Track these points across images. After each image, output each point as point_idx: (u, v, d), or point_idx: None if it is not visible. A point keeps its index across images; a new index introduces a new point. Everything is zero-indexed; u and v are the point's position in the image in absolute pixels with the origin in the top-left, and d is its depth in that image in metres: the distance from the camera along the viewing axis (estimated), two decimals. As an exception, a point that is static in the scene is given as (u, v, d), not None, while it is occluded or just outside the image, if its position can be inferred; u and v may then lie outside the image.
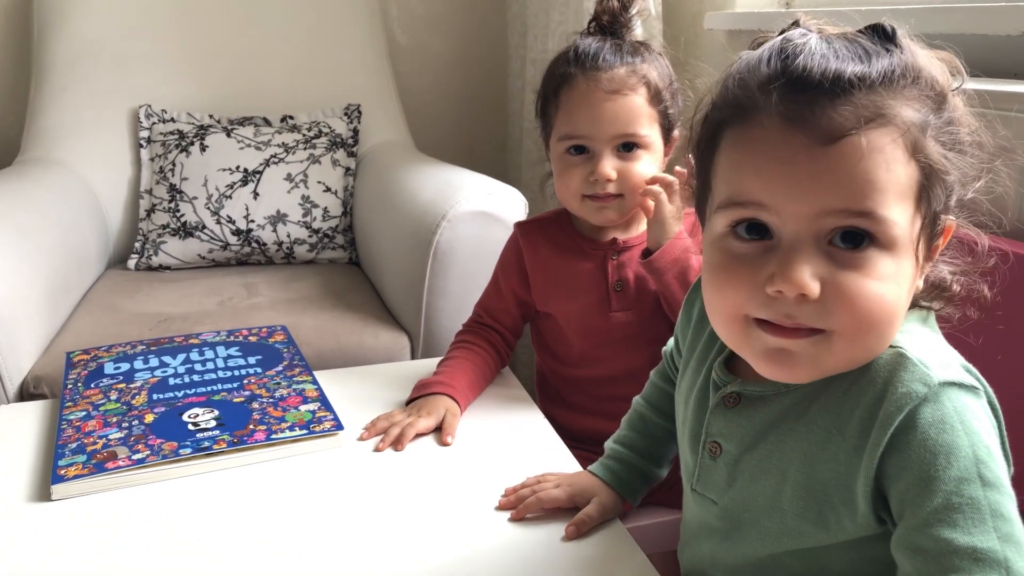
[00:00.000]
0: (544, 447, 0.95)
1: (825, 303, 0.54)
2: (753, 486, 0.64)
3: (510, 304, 1.13)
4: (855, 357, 0.57)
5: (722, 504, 0.66)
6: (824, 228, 0.54)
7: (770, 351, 0.57)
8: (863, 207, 0.53)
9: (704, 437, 0.67)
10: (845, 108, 0.53)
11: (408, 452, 0.93)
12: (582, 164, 1.02)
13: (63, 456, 0.87)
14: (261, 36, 2.00)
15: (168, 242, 1.76)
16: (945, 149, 0.56)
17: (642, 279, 1.06)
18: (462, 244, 1.39)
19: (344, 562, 0.74)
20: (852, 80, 0.53)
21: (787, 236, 0.55)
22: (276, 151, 1.81)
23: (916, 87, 0.55)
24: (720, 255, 0.59)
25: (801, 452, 0.60)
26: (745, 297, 0.56)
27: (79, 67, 1.88)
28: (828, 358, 0.56)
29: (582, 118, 1.00)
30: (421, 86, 2.29)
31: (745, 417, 0.64)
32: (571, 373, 1.12)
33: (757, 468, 0.63)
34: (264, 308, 1.53)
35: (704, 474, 0.68)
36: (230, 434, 0.92)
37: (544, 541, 0.77)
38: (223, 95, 1.94)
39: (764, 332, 0.57)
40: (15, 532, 0.78)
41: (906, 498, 0.55)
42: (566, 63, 1.02)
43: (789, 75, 0.54)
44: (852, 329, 0.55)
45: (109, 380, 1.05)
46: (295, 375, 1.06)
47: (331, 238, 1.81)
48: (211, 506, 0.83)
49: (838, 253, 0.54)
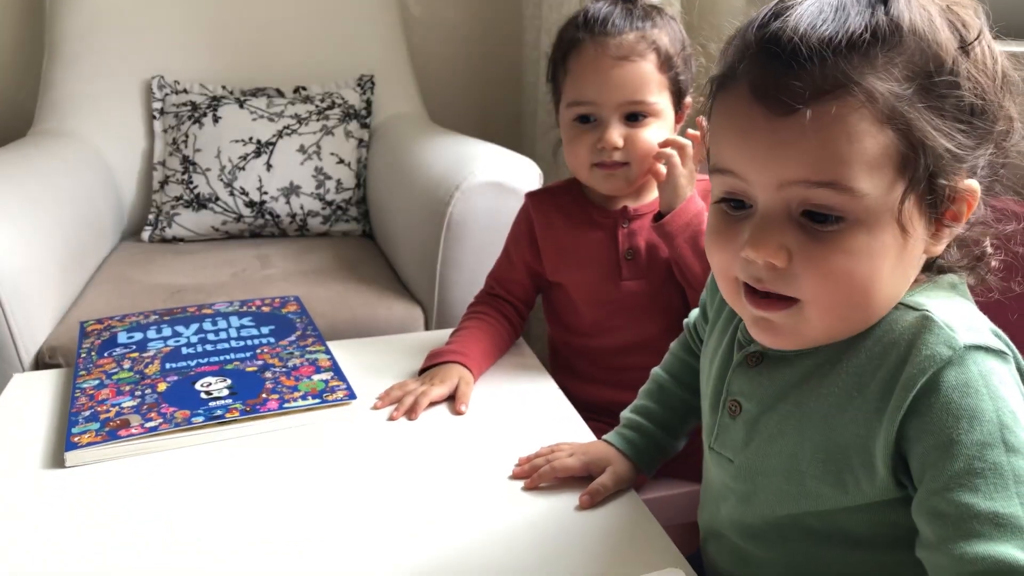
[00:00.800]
0: (558, 417, 0.95)
1: (793, 273, 0.55)
2: (770, 446, 0.63)
3: (522, 275, 1.13)
4: (834, 327, 0.58)
5: (738, 463, 0.66)
6: (792, 199, 0.55)
7: (755, 319, 0.59)
8: (824, 178, 0.53)
9: (725, 396, 0.67)
10: (806, 77, 0.52)
11: (421, 421, 0.92)
12: (590, 132, 1.01)
13: (77, 424, 0.87)
14: (274, 7, 1.98)
15: (181, 214, 1.76)
16: (936, 115, 0.53)
17: (653, 247, 1.05)
18: (476, 215, 1.38)
19: (357, 529, 0.74)
20: (818, 45, 0.52)
21: (759, 205, 0.56)
22: (289, 122, 1.80)
23: (898, 51, 0.53)
24: (714, 217, 0.61)
25: (821, 414, 0.60)
26: (730, 260, 0.59)
27: (92, 38, 1.87)
28: (806, 328, 0.57)
29: (589, 84, 0.99)
30: (435, 57, 2.27)
31: (766, 377, 0.64)
32: (583, 343, 1.12)
33: (776, 428, 0.63)
34: (277, 280, 1.53)
35: (722, 432, 0.68)
36: (243, 403, 0.91)
37: (558, 510, 0.77)
38: (236, 66, 1.93)
39: (747, 302, 0.59)
40: (30, 498, 0.79)
41: (927, 461, 0.54)
42: (575, 28, 1.01)
43: (761, 42, 0.54)
44: (823, 299, 0.56)
45: (122, 349, 1.04)
46: (308, 345, 1.06)
47: (344, 210, 1.80)
48: (223, 474, 0.82)
49: (809, 226, 0.55)
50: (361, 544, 0.72)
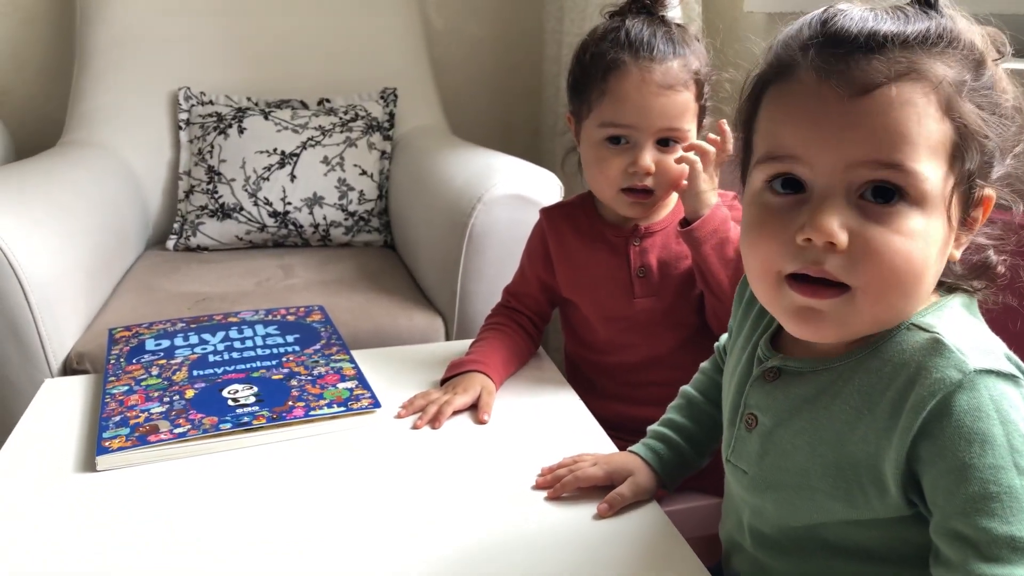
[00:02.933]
0: (579, 428, 0.95)
1: (853, 254, 0.55)
2: (784, 460, 0.64)
3: (536, 290, 1.14)
4: (880, 317, 0.59)
5: (752, 475, 0.67)
6: (855, 181, 0.56)
7: (799, 309, 0.59)
8: (892, 158, 0.54)
9: (743, 409, 0.69)
10: (877, 61, 0.54)
11: (444, 430, 0.93)
12: (621, 155, 1.00)
13: (107, 429, 0.89)
14: (299, 20, 2.01)
15: (206, 223, 1.78)
16: (982, 111, 0.56)
17: (665, 264, 1.05)
18: (497, 227, 1.40)
19: (381, 537, 0.75)
20: (887, 36, 0.55)
21: (819, 188, 0.57)
22: (313, 134, 1.82)
23: (953, 48, 0.56)
24: (756, 210, 0.61)
25: (833, 430, 0.61)
26: (777, 251, 0.58)
27: (120, 51, 1.90)
28: (854, 317, 0.57)
29: (631, 109, 0.98)
30: (457, 70, 2.29)
31: (782, 391, 0.65)
32: (598, 359, 1.12)
33: (789, 443, 0.64)
34: (300, 289, 1.54)
35: (739, 445, 0.69)
36: (269, 410, 0.93)
37: (579, 520, 0.78)
38: (261, 78, 1.96)
39: (793, 291, 0.58)
40: (63, 501, 0.80)
41: (940, 485, 0.55)
42: (617, 47, 0.99)
43: (827, 34, 0.57)
44: (877, 284, 0.56)
45: (150, 356, 1.06)
46: (333, 354, 1.07)
47: (367, 221, 1.82)
48: (250, 479, 0.84)
49: (868, 207, 0.56)
50: (385, 551, 0.73)
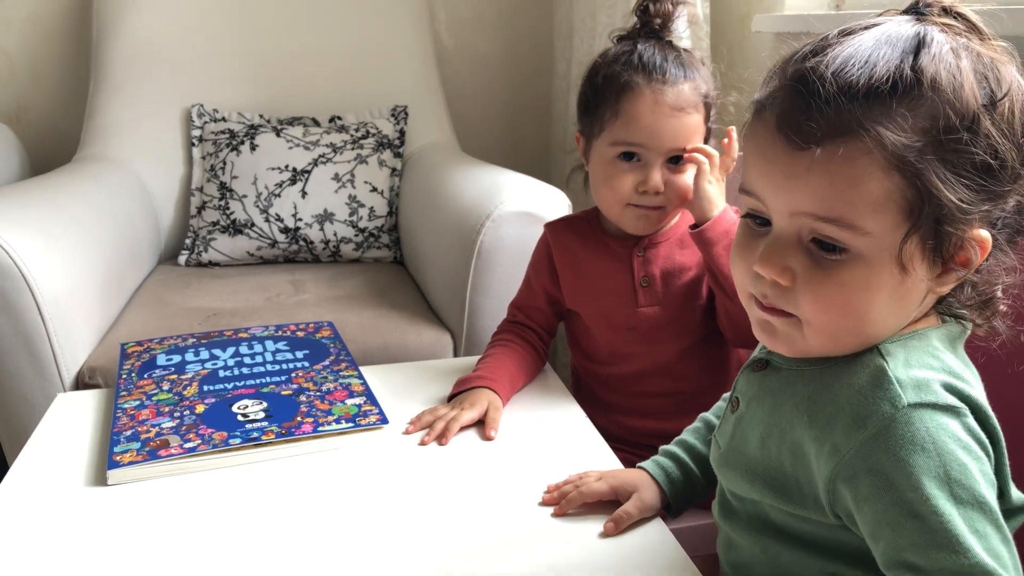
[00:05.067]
0: (586, 445, 0.96)
1: (795, 294, 0.60)
2: (742, 444, 0.69)
3: (542, 302, 1.15)
4: (826, 345, 0.62)
5: (722, 451, 0.72)
6: (802, 227, 0.59)
7: (760, 321, 0.64)
8: (829, 214, 0.57)
9: (733, 392, 0.73)
10: (820, 119, 0.56)
11: (451, 446, 0.94)
12: (632, 172, 1.02)
13: (118, 443, 0.90)
14: (311, 38, 2.04)
15: (218, 239, 1.80)
16: (947, 168, 0.55)
17: (668, 274, 1.07)
18: (505, 244, 1.41)
19: (388, 552, 0.76)
20: (849, 85, 0.55)
21: (775, 227, 0.61)
22: (324, 151, 1.84)
23: (916, 104, 0.55)
24: (740, 232, 0.66)
25: (780, 429, 0.65)
26: (744, 273, 0.64)
27: (135, 67, 1.93)
28: (800, 340, 0.62)
29: (643, 130, 1.01)
30: (467, 88, 2.31)
31: (759, 382, 0.70)
32: (602, 371, 1.14)
33: (748, 430, 0.69)
34: (311, 305, 1.56)
35: (723, 423, 0.73)
36: (278, 425, 0.94)
37: (584, 537, 0.78)
38: (273, 95, 1.98)
39: (756, 305, 0.64)
40: (73, 514, 0.81)
41: (885, 518, 0.57)
42: (630, 69, 1.01)
43: (793, 78, 0.58)
44: (816, 322, 0.60)
45: (161, 371, 1.07)
46: (341, 370, 1.08)
47: (377, 237, 1.84)
48: (259, 494, 0.85)
49: (815, 252, 0.59)
50: (392, 567, 0.74)
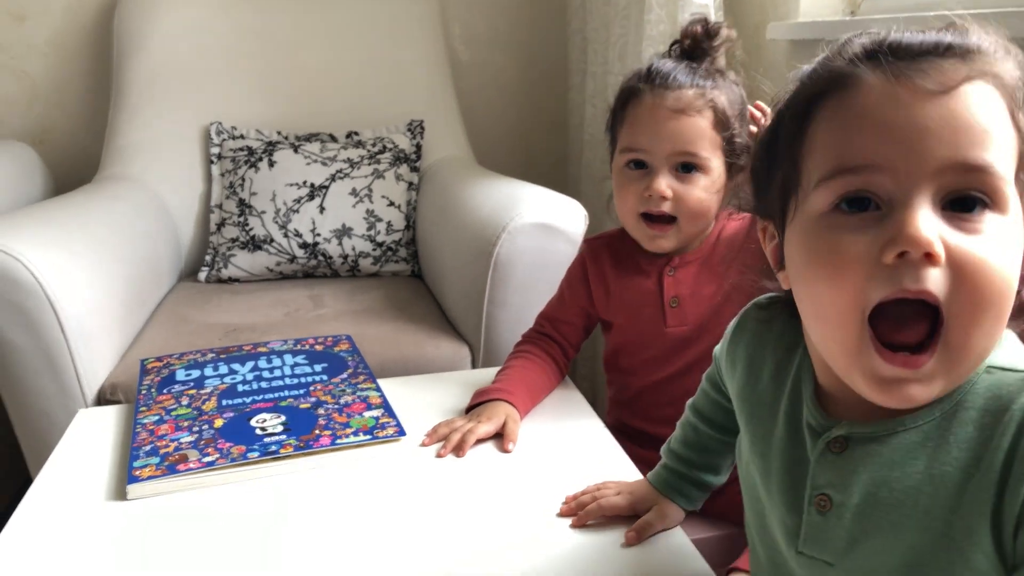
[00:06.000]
0: (604, 455, 0.95)
1: (950, 269, 0.49)
2: (883, 542, 0.55)
3: (574, 315, 1.15)
4: (976, 347, 0.51)
5: (842, 567, 0.57)
6: (942, 187, 0.50)
7: (885, 380, 0.51)
8: (980, 159, 0.50)
9: (809, 491, 0.59)
10: (952, 62, 0.52)
11: (469, 458, 0.94)
12: (639, 180, 1.02)
13: (138, 458, 0.91)
14: (327, 55, 2.05)
15: (237, 255, 1.81)
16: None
17: (698, 295, 1.07)
18: (522, 256, 1.41)
19: (406, 564, 0.75)
20: (952, 44, 0.52)
21: (903, 197, 0.50)
22: (342, 166, 1.85)
23: (1008, 58, 0.54)
24: (827, 236, 0.53)
25: (938, 497, 0.53)
26: (863, 276, 0.50)
27: (154, 87, 1.95)
28: (952, 362, 0.51)
29: (643, 132, 1.01)
30: (483, 101, 2.32)
31: (859, 462, 0.56)
32: (628, 381, 1.14)
33: (884, 518, 0.55)
34: (329, 319, 1.56)
35: (814, 533, 0.58)
36: (297, 439, 0.94)
37: (605, 548, 0.78)
38: (290, 112, 1.99)
39: (883, 359, 0.51)
40: (94, 528, 0.82)
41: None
42: (638, 79, 1.03)
43: (891, 43, 0.53)
44: (971, 305, 0.49)
45: (181, 386, 1.08)
46: (359, 383, 1.08)
47: (394, 251, 1.84)
48: (277, 507, 0.85)
49: (955, 218, 0.50)
50: (410, 578, 0.74)
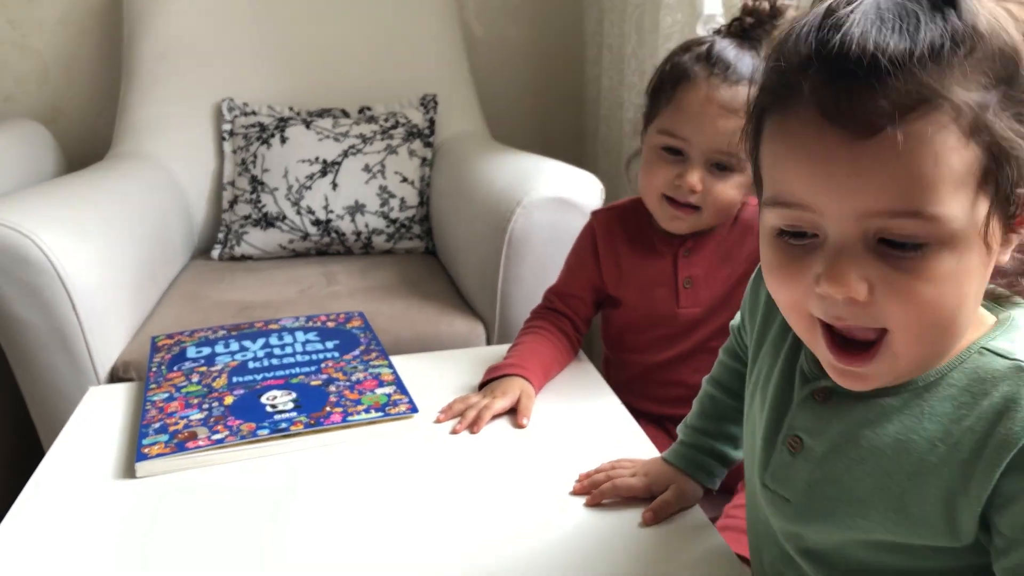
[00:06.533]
0: (619, 431, 0.94)
1: (877, 306, 0.50)
2: (839, 489, 0.58)
3: (584, 289, 1.13)
4: (923, 355, 0.54)
5: (797, 504, 0.61)
6: (870, 229, 0.50)
7: (835, 367, 0.55)
8: (909, 207, 0.48)
9: (785, 431, 0.62)
10: (884, 97, 0.47)
11: (482, 434, 0.92)
12: (672, 165, 1.00)
13: (147, 436, 0.90)
14: (339, 29, 2.03)
15: (250, 232, 1.80)
16: (1017, 120, 0.49)
17: (712, 276, 1.05)
18: (537, 231, 1.38)
19: (418, 541, 0.74)
20: (893, 59, 0.47)
21: (833, 236, 0.51)
22: (354, 142, 1.83)
23: (975, 56, 0.48)
24: (772, 253, 0.55)
25: (899, 462, 0.55)
26: (802, 294, 0.54)
27: (165, 64, 1.93)
28: (895, 366, 0.53)
29: (688, 123, 0.97)
30: (496, 75, 2.29)
31: (836, 414, 0.59)
32: (634, 358, 1.12)
33: (846, 471, 0.58)
34: (343, 296, 1.55)
35: (780, 470, 0.62)
36: (307, 416, 0.92)
37: (621, 526, 0.76)
38: (302, 88, 1.97)
39: (830, 351, 0.54)
40: (102, 506, 0.81)
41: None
42: (695, 59, 0.98)
43: (825, 57, 0.49)
44: (910, 330, 0.51)
45: (191, 363, 1.07)
46: (371, 359, 1.07)
47: (408, 228, 1.82)
48: (287, 485, 0.83)
49: (889, 253, 0.50)
50: (422, 555, 0.72)
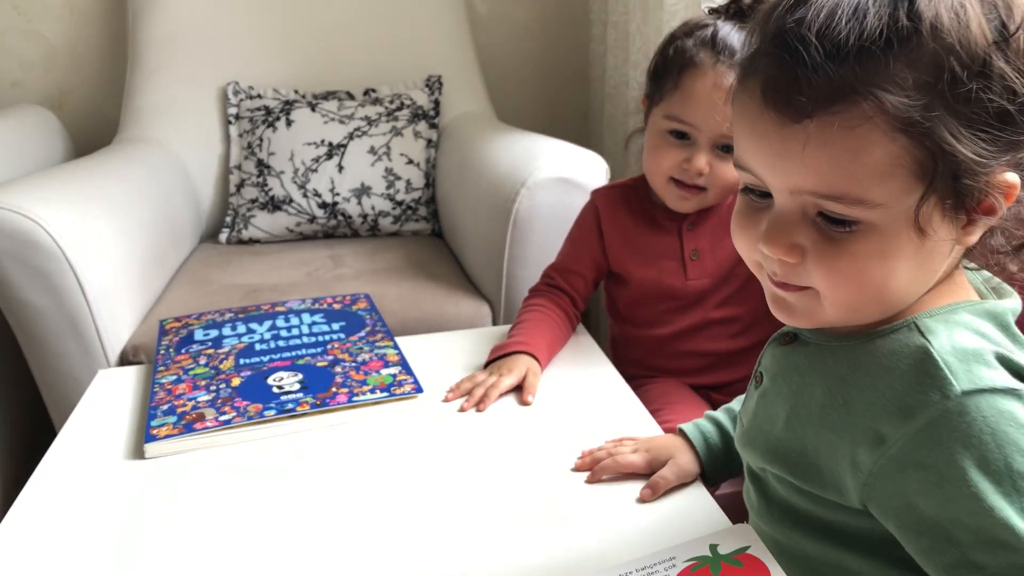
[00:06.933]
0: (623, 410, 0.94)
1: (806, 269, 0.55)
2: (765, 423, 0.65)
3: (586, 266, 1.14)
4: (848, 316, 0.58)
5: (744, 429, 0.68)
6: (807, 203, 0.54)
7: (774, 297, 0.60)
8: (832, 191, 0.52)
9: (757, 366, 0.69)
10: (812, 87, 0.50)
11: (486, 413, 0.93)
12: (679, 149, 1.01)
13: (155, 417, 0.91)
14: (343, 11, 2.02)
15: (257, 216, 1.80)
16: (960, 120, 0.49)
17: (717, 247, 1.07)
18: (541, 211, 1.39)
19: (422, 518, 0.75)
20: (825, 53, 0.49)
21: (777, 203, 0.56)
22: (359, 124, 1.83)
23: (916, 55, 0.49)
24: (739, 204, 0.61)
25: (807, 410, 0.61)
26: (750, 246, 0.59)
27: (170, 48, 1.94)
28: (820, 312, 0.58)
29: (696, 110, 0.98)
30: (501, 55, 2.28)
31: (786, 356, 0.65)
32: (642, 333, 1.13)
33: (772, 408, 0.64)
34: (349, 279, 1.56)
35: (747, 400, 0.70)
36: (313, 396, 0.93)
37: (622, 504, 0.77)
38: (307, 70, 1.97)
39: (768, 280, 0.60)
40: (112, 487, 0.82)
41: (937, 516, 0.52)
42: (701, 45, 0.98)
43: (777, 37, 0.52)
44: (834, 295, 0.56)
45: (199, 346, 1.08)
46: (377, 340, 1.08)
47: (414, 210, 1.83)
48: (294, 465, 0.85)
49: (823, 226, 0.54)
50: (426, 531, 0.73)
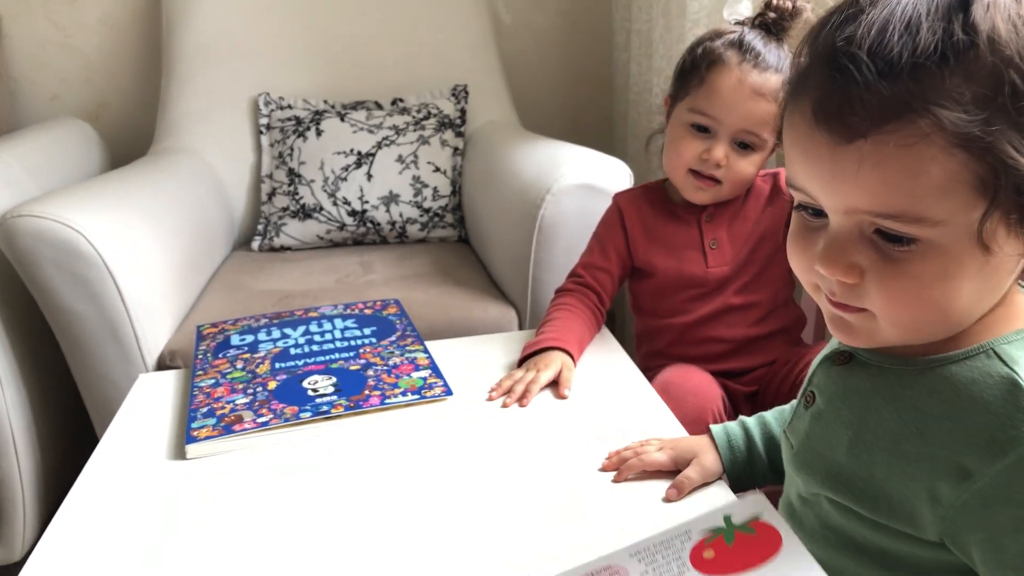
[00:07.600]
0: (648, 410, 0.96)
1: (866, 289, 0.54)
2: (822, 446, 0.64)
3: (612, 263, 1.18)
4: (908, 336, 0.57)
5: (796, 451, 0.68)
6: (863, 222, 0.53)
7: (832, 317, 0.59)
8: (889, 210, 0.51)
9: (807, 385, 0.69)
10: (865, 105, 0.49)
11: (516, 414, 0.95)
12: (700, 141, 1.07)
13: (195, 419, 0.94)
14: (370, 23, 2.06)
15: (288, 224, 1.84)
16: (1022, 132, 0.48)
17: (735, 236, 1.13)
18: (567, 217, 1.41)
19: (449, 516, 0.78)
20: (880, 70, 0.48)
21: (832, 223, 0.55)
22: (387, 133, 1.87)
23: (973, 68, 0.47)
24: (794, 223, 0.61)
25: (876, 436, 0.59)
26: (808, 265, 0.58)
27: (203, 60, 1.98)
28: (879, 333, 0.57)
29: (719, 103, 1.05)
30: (526, 63, 2.31)
31: (843, 377, 0.64)
32: (665, 323, 1.17)
33: (831, 431, 0.63)
34: (379, 285, 1.59)
35: (796, 420, 0.69)
36: (347, 399, 0.96)
37: (648, 503, 0.79)
38: (336, 81, 2.01)
39: (827, 299, 0.59)
40: (156, 486, 0.85)
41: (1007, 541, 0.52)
42: (728, 45, 1.05)
43: (829, 55, 0.51)
44: (895, 316, 0.55)
45: (235, 351, 1.11)
46: (407, 344, 1.11)
47: (441, 217, 1.86)
48: (328, 465, 0.87)
49: (883, 245, 0.53)
50: (455, 529, 0.76)
